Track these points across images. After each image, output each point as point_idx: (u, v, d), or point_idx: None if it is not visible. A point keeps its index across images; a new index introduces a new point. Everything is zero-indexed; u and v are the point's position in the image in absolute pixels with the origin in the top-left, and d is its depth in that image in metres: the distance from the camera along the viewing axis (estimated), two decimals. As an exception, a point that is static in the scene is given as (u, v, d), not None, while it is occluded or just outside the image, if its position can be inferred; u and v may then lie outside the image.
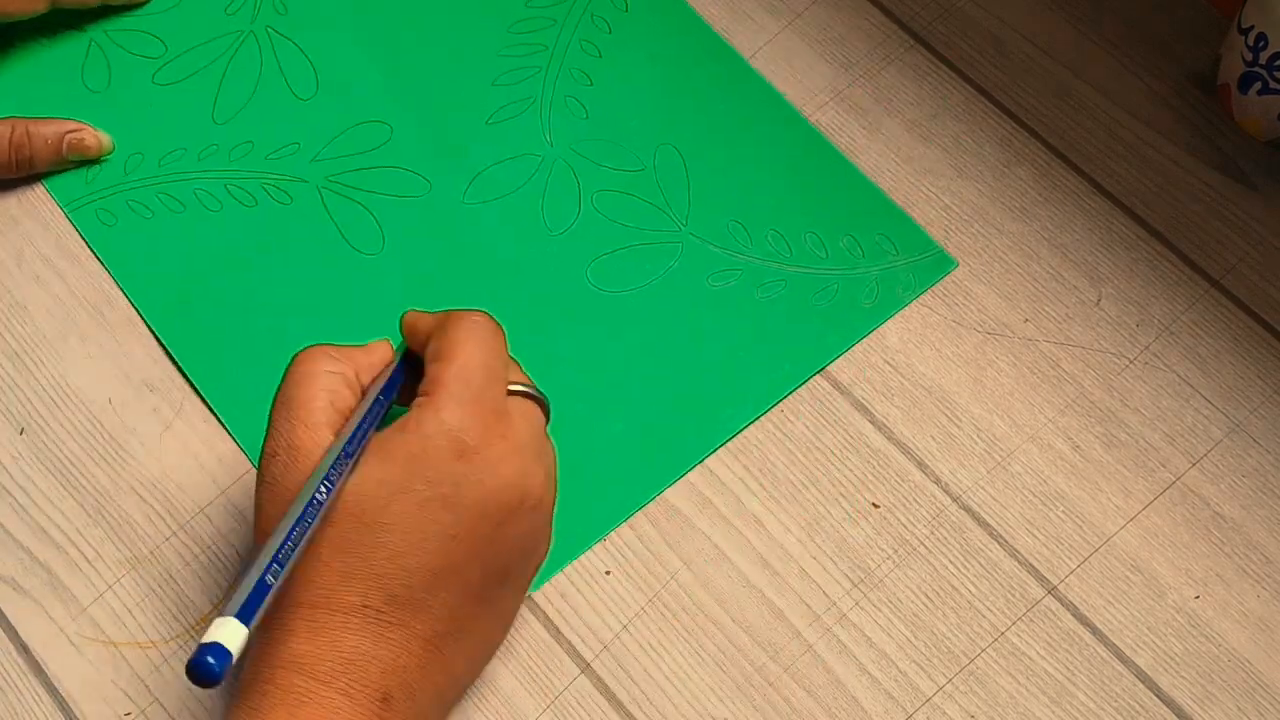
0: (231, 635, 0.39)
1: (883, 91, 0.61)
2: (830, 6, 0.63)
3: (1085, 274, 0.57)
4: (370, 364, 0.48)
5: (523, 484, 0.45)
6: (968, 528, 0.53)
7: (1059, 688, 0.50)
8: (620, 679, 0.51)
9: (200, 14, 0.63)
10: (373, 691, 0.42)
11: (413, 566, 0.43)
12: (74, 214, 0.59)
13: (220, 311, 0.57)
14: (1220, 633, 0.51)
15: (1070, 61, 0.62)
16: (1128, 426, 0.54)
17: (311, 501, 0.42)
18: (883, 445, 0.54)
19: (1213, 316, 0.56)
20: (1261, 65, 0.57)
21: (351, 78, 0.62)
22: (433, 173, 0.60)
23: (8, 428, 0.56)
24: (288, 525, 0.42)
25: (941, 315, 0.57)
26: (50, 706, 0.51)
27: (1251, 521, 0.53)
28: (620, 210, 0.59)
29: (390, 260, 0.58)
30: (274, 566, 0.41)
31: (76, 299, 0.58)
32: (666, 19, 0.63)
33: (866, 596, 0.52)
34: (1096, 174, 0.59)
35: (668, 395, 0.55)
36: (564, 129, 0.61)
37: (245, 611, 0.39)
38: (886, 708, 0.50)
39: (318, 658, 0.42)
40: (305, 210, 0.59)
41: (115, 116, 0.61)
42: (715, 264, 0.58)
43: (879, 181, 0.59)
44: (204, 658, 0.38)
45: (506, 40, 0.63)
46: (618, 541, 0.53)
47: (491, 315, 0.48)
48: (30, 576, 0.53)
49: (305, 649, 0.42)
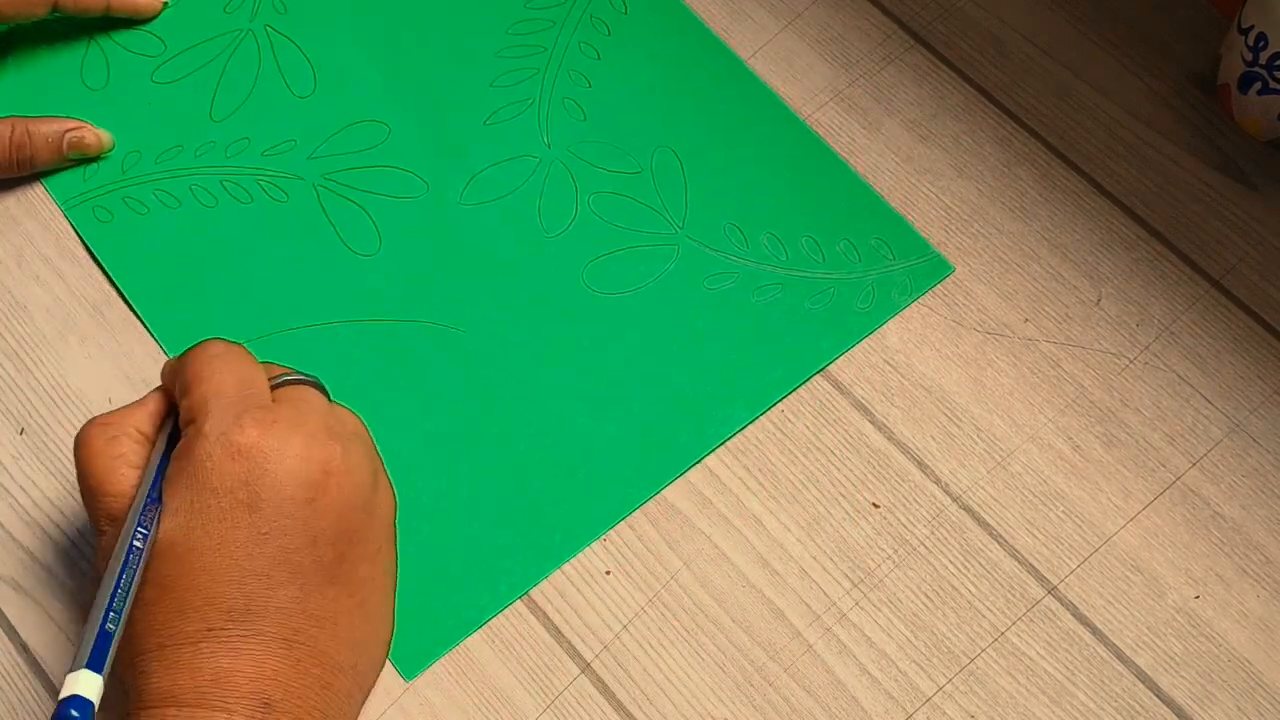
0: (87, 685, 0.40)
1: (882, 91, 0.61)
2: (830, 6, 0.63)
3: (1085, 274, 0.57)
4: (149, 413, 0.48)
5: (316, 455, 0.45)
6: (968, 528, 0.53)
7: (1059, 688, 0.50)
8: (620, 679, 0.51)
9: (200, 12, 0.63)
10: (249, 701, 0.43)
11: (237, 576, 0.44)
12: (70, 211, 0.59)
13: (214, 309, 0.57)
14: (1220, 633, 0.51)
15: (1070, 61, 0.62)
16: (1128, 426, 0.54)
17: (131, 548, 0.43)
18: (883, 445, 0.54)
19: (1213, 316, 0.56)
20: (1261, 65, 0.57)
21: (350, 77, 0.62)
22: (430, 173, 0.60)
23: (8, 428, 0.55)
24: (114, 573, 0.43)
25: (941, 315, 0.57)
26: (50, 707, 0.51)
27: (1251, 521, 0.53)
28: (617, 212, 0.59)
29: (386, 261, 0.58)
30: (110, 614, 0.42)
31: (76, 299, 0.58)
32: (665, 20, 0.63)
33: (866, 596, 0.52)
34: (1096, 174, 0.59)
35: (664, 396, 0.55)
36: (562, 131, 0.61)
37: (95, 661, 0.41)
38: (886, 708, 0.50)
39: (182, 687, 0.43)
40: (301, 208, 0.59)
41: (114, 115, 0.61)
42: (712, 267, 0.58)
43: (878, 181, 0.59)
44: (68, 712, 0.39)
45: (505, 41, 0.63)
46: (618, 541, 0.53)
47: (223, 338, 0.49)
48: (30, 576, 0.53)
49: (165, 684, 0.43)
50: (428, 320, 0.57)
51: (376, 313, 0.57)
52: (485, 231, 0.59)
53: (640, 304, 0.57)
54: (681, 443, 0.54)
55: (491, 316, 0.57)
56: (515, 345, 0.56)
